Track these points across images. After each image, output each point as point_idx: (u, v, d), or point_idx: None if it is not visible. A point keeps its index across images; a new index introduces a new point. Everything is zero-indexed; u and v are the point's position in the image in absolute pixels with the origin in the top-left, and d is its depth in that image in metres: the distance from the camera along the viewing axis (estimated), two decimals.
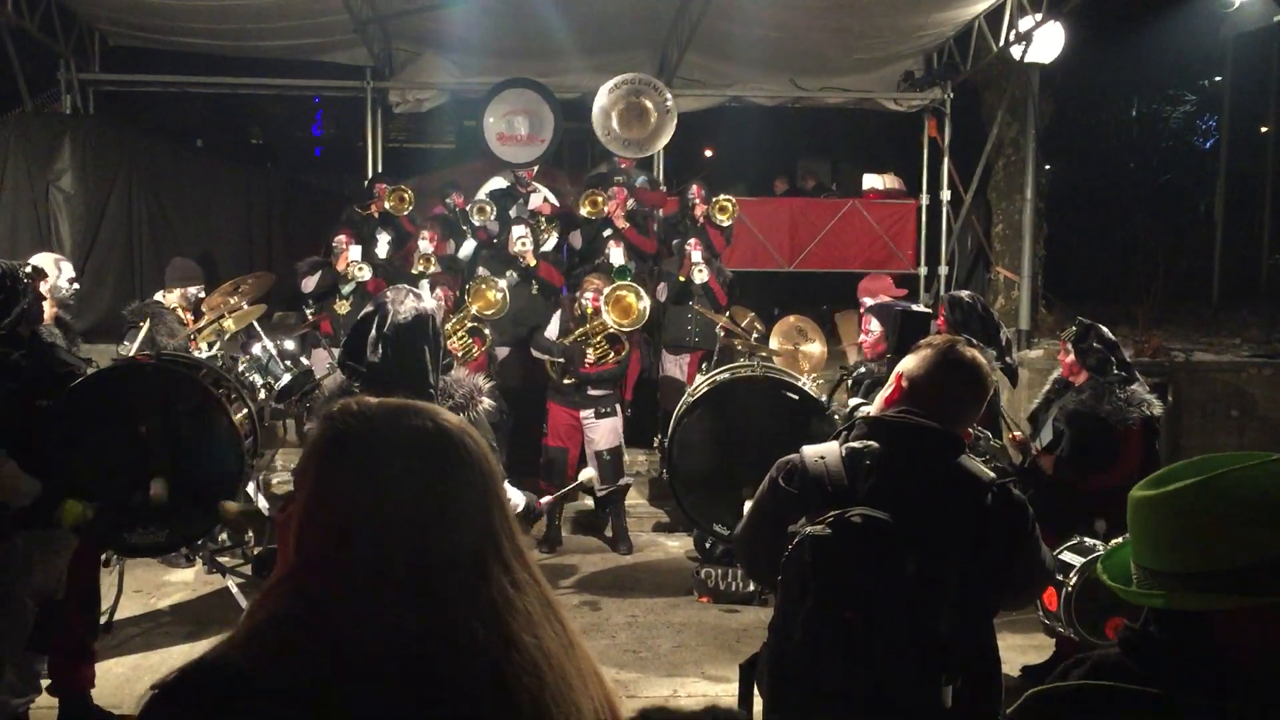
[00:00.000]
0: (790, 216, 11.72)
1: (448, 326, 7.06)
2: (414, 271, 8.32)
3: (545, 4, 9.60)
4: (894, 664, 2.11)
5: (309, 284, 8.50)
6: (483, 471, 1.33)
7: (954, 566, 2.18)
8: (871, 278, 7.74)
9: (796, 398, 6.03)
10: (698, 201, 9.08)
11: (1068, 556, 4.76)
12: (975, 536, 2.23)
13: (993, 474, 2.40)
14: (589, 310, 7.53)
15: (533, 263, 8.49)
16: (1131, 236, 14.73)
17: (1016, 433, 5.75)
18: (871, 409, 2.62)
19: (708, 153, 17.59)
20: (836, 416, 5.86)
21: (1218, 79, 18.56)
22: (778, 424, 5.93)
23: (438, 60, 11.21)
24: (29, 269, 4.64)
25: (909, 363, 2.53)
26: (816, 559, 2.15)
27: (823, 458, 2.38)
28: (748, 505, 2.63)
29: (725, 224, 8.99)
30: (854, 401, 5.42)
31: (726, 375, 6.49)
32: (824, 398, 6.24)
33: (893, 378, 2.54)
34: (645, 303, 7.54)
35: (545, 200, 9.62)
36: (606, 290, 7.53)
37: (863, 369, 5.76)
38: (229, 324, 6.95)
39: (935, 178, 11.74)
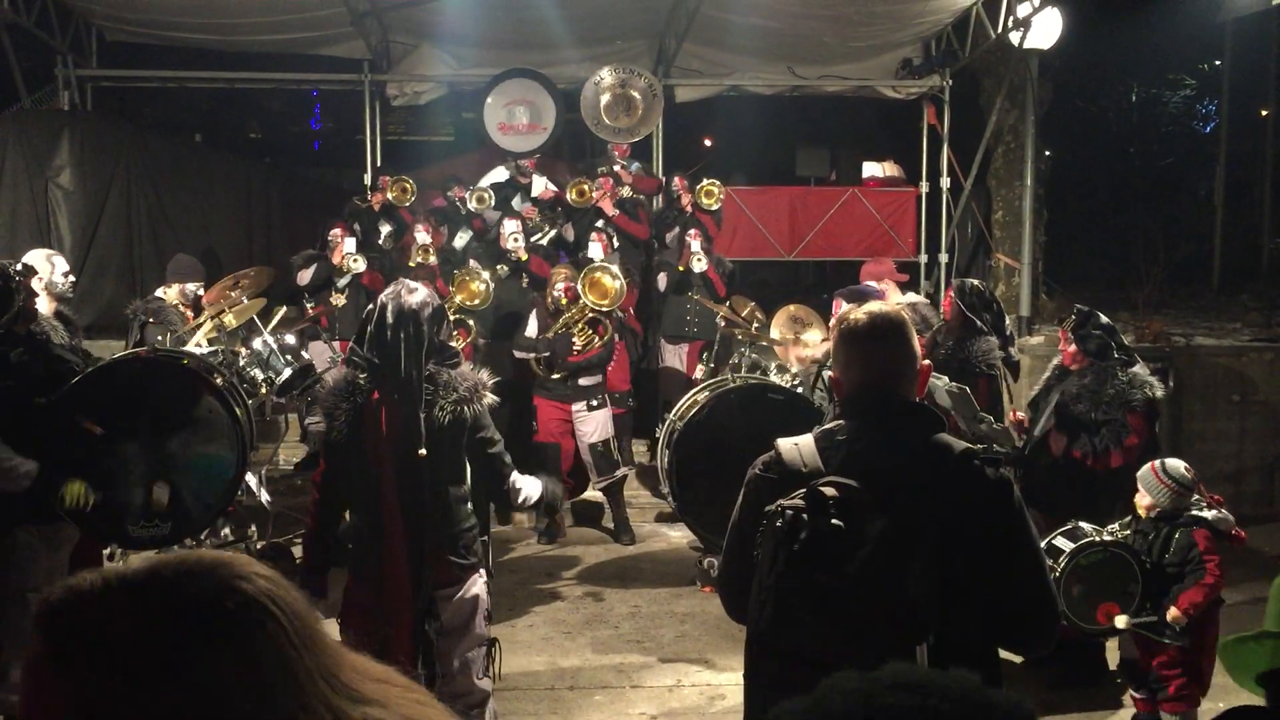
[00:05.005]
0: (790, 205, 11.67)
1: None
2: (411, 264, 8.33)
3: None
4: (863, 625, 2.13)
5: (304, 277, 8.52)
6: (286, 624, 1.03)
7: (926, 531, 2.19)
8: (874, 262, 7.71)
9: (781, 398, 6.03)
10: (682, 192, 9.07)
11: (1060, 542, 4.74)
12: (948, 503, 2.24)
13: (973, 447, 2.41)
14: (564, 301, 7.52)
15: (524, 257, 8.49)
16: (1132, 221, 14.70)
17: (1019, 414, 5.75)
18: None
19: (706, 142, 17.56)
20: (821, 406, 5.86)
21: (1217, 63, 18.47)
22: (770, 425, 5.88)
23: (435, 52, 11.19)
24: (19, 267, 4.65)
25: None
26: (788, 526, 2.19)
27: (796, 444, 2.43)
28: None
29: (713, 208, 8.96)
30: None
31: (705, 394, 6.32)
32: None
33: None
34: (620, 281, 7.52)
35: (546, 187, 9.61)
36: (581, 274, 7.51)
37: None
38: (229, 319, 6.95)
39: (935, 165, 11.70)
